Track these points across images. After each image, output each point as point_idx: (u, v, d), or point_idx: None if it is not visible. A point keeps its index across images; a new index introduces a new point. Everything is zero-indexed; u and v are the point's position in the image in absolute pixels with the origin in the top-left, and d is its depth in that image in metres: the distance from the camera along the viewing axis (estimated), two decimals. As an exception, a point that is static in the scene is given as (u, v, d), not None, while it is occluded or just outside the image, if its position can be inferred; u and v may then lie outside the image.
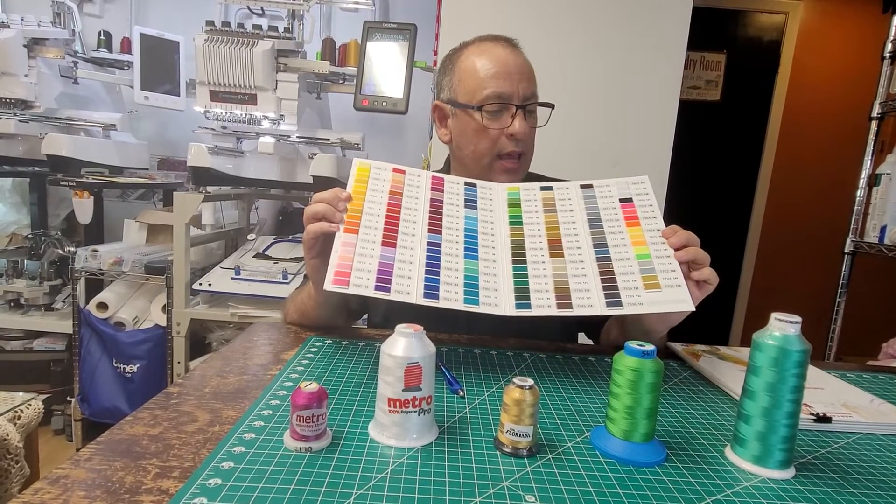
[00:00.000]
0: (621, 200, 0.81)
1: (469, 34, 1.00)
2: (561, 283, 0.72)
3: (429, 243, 0.74)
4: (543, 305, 0.69)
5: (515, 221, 0.81)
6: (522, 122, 0.89)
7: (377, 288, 0.67)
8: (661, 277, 0.70)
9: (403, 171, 0.83)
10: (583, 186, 0.85)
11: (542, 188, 0.85)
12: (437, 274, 0.71)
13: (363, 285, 0.67)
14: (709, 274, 0.71)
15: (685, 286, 0.69)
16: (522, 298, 0.70)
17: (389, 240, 0.73)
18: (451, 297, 0.68)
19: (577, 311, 0.68)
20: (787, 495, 0.47)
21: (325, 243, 0.74)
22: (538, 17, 1.74)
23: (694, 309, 0.69)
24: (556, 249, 0.76)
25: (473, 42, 0.95)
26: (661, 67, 1.74)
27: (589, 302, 0.69)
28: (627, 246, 0.74)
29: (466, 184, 0.85)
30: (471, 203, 0.82)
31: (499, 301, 0.70)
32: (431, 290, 0.69)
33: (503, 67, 0.90)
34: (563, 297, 0.70)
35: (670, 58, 1.74)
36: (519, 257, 0.75)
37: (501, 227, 0.80)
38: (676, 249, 0.72)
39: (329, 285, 0.66)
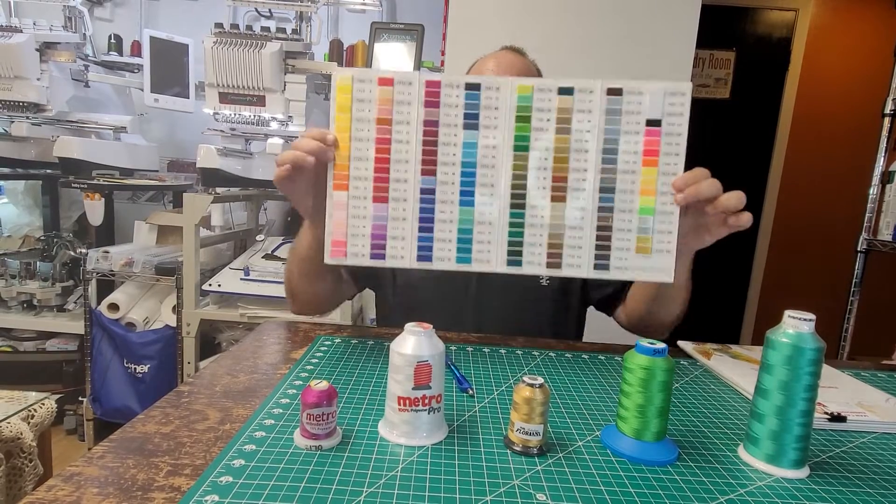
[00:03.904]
0: (648, 123, 0.71)
1: (476, 34, 1.02)
2: (555, 238, 0.71)
3: (422, 190, 0.72)
4: (534, 262, 0.71)
5: (521, 146, 0.71)
6: None
7: (373, 256, 0.70)
8: (654, 240, 0.70)
9: (391, 82, 0.71)
10: (610, 92, 0.71)
11: (561, 90, 0.72)
12: (431, 230, 0.71)
13: (359, 253, 0.70)
14: (726, 203, 0.68)
15: (673, 253, 0.70)
16: (514, 254, 0.71)
17: (381, 192, 0.71)
18: (445, 257, 0.71)
19: (564, 272, 0.71)
20: (802, 495, 0.47)
21: (304, 177, 0.73)
22: (545, 16, 1.73)
23: (671, 280, 0.70)
24: (559, 191, 0.71)
25: None
26: (670, 65, 1.73)
27: (578, 262, 0.71)
28: (635, 193, 0.71)
29: (468, 87, 0.72)
30: (471, 119, 0.72)
31: (491, 256, 0.71)
32: (425, 250, 0.71)
33: (495, 63, 0.98)
34: (554, 255, 0.71)
35: (679, 56, 1.73)
36: (518, 199, 0.71)
37: (504, 155, 0.71)
38: (678, 191, 0.69)
39: (328, 258, 0.70)
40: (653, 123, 0.71)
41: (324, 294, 0.92)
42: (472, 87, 0.72)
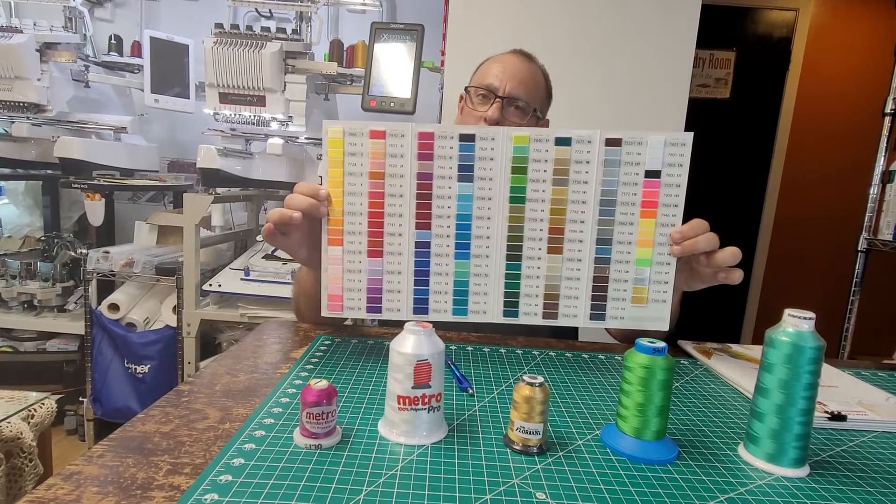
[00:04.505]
0: (647, 174, 0.70)
1: (476, 34, 1.02)
2: (551, 288, 0.72)
3: (417, 243, 0.71)
4: (530, 313, 0.72)
5: (517, 198, 0.70)
6: (496, 110, 0.97)
7: (369, 309, 0.72)
8: (650, 290, 0.71)
9: (383, 135, 0.70)
10: (609, 142, 0.70)
11: (558, 141, 0.70)
12: (427, 283, 0.72)
13: (356, 307, 0.72)
14: (721, 259, 0.69)
15: (669, 303, 0.71)
16: (510, 305, 0.72)
17: (375, 247, 0.71)
18: (441, 308, 0.72)
19: (560, 322, 0.72)
20: (802, 493, 0.47)
21: (294, 231, 0.73)
22: (545, 16, 1.73)
23: (667, 329, 0.72)
24: (555, 243, 0.71)
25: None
26: (670, 65, 1.73)
27: (574, 312, 0.72)
28: (632, 245, 0.71)
29: (462, 138, 0.70)
30: (466, 170, 0.70)
31: (487, 307, 0.72)
32: (421, 302, 0.72)
33: (501, 67, 1.00)
34: (551, 306, 0.72)
35: (679, 56, 1.73)
36: (514, 250, 0.71)
37: (500, 207, 0.71)
38: (676, 244, 0.70)
39: (325, 311, 0.72)
40: (652, 175, 0.70)
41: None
42: (467, 139, 0.70)
